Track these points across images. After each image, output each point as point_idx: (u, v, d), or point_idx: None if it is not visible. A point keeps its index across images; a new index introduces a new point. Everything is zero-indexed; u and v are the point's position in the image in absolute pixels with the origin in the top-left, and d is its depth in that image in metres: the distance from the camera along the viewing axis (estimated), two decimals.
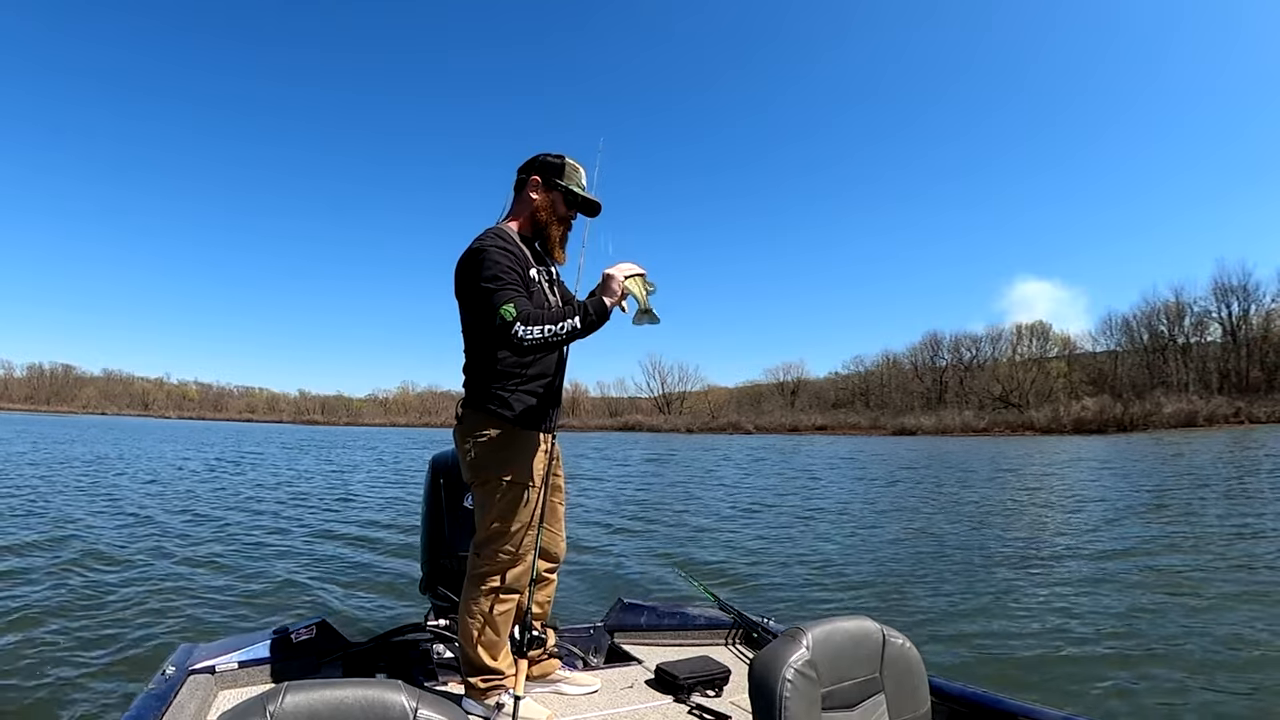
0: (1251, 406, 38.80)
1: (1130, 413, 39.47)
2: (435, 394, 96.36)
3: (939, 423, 48.16)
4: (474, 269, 2.06)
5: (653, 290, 2.17)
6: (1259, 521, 8.78)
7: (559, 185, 2.24)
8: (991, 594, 5.67)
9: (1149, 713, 3.35)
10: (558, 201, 2.25)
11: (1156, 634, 4.53)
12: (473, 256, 2.08)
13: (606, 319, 2.05)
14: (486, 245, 2.07)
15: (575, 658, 2.70)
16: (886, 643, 1.43)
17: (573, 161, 2.28)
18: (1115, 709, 3.38)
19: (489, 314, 2.00)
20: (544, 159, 2.27)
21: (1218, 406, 38.20)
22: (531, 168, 2.26)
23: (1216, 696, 3.51)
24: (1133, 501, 11.32)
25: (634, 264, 2.15)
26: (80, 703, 3.35)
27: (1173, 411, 38.17)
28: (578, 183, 2.27)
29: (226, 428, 65.88)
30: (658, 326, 2.21)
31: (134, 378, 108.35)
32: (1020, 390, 52.64)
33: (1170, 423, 37.92)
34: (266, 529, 8.80)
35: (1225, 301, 45.83)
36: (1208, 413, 37.66)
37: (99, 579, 5.74)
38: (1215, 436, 30.37)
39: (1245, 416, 38.47)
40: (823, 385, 69.19)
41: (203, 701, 2.14)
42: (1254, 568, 6.33)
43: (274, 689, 0.93)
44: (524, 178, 2.26)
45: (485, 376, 2.14)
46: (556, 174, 2.24)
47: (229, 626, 4.55)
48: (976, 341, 59.56)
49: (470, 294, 2.09)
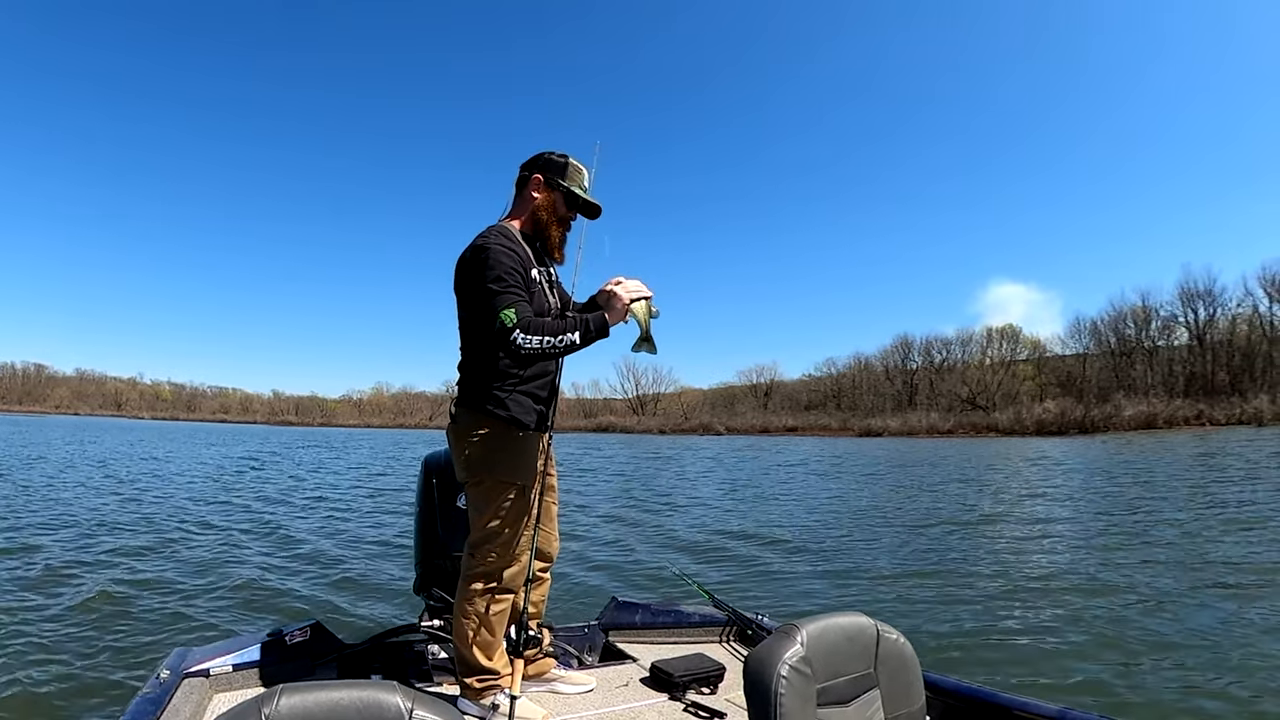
0: (1213, 409, 39.05)
1: (1091, 415, 39.68)
2: (410, 395, 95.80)
3: (905, 424, 48.61)
4: (477, 267, 2.03)
5: (656, 315, 2.15)
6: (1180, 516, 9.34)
7: (561, 186, 2.22)
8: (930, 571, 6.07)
9: (1145, 707, 3.40)
10: (559, 202, 2.23)
11: (1108, 617, 4.83)
12: (476, 254, 2.06)
13: (606, 336, 2.05)
14: (491, 244, 2.05)
15: (570, 657, 2.70)
16: (881, 638, 1.43)
17: (576, 162, 2.25)
18: (1104, 700, 3.44)
19: (489, 316, 1.98)
20: (547, 157, 2.24)
21: (1178, 409, 38.52)
22: (534, 165, 2.23)
23: (1205, 683, 3.63)
24: (1072, 496, 11.97)
25: (641, 283, 2.14)
26: (75, 707, 3.33)
27: (1133, 414, 38.43)
28: (580, 184, 2.25)
29: (202, 428, 65.14)
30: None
31: (107, 377, 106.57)
32: (987, 392, 52.83)
33: (1130, 425, 38.22)
34: (260, 531, 8.74)
35: (1191, 306, 46.56)
36: (1167, 415, 37.99)
37: (92, 582, 5.66)
38: (1171, 438, 30.89)
39: (1206, 419, 38.78)
40: (795, 387, 69.61)
41: (197, 705, 2.13)
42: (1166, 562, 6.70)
43: (269, 691, 0.94)
44: (526, 175, 2.23)
45: (482, 375, 2.13)
46: (559, 174, 2.22)
47: (223, 629, 4.53)
48: (947, 344, 60.13)
49: (471, 292, 2.07)
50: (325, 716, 0.92)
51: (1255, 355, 43.62)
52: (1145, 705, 3.41)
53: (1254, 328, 44.17)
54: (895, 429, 48.42)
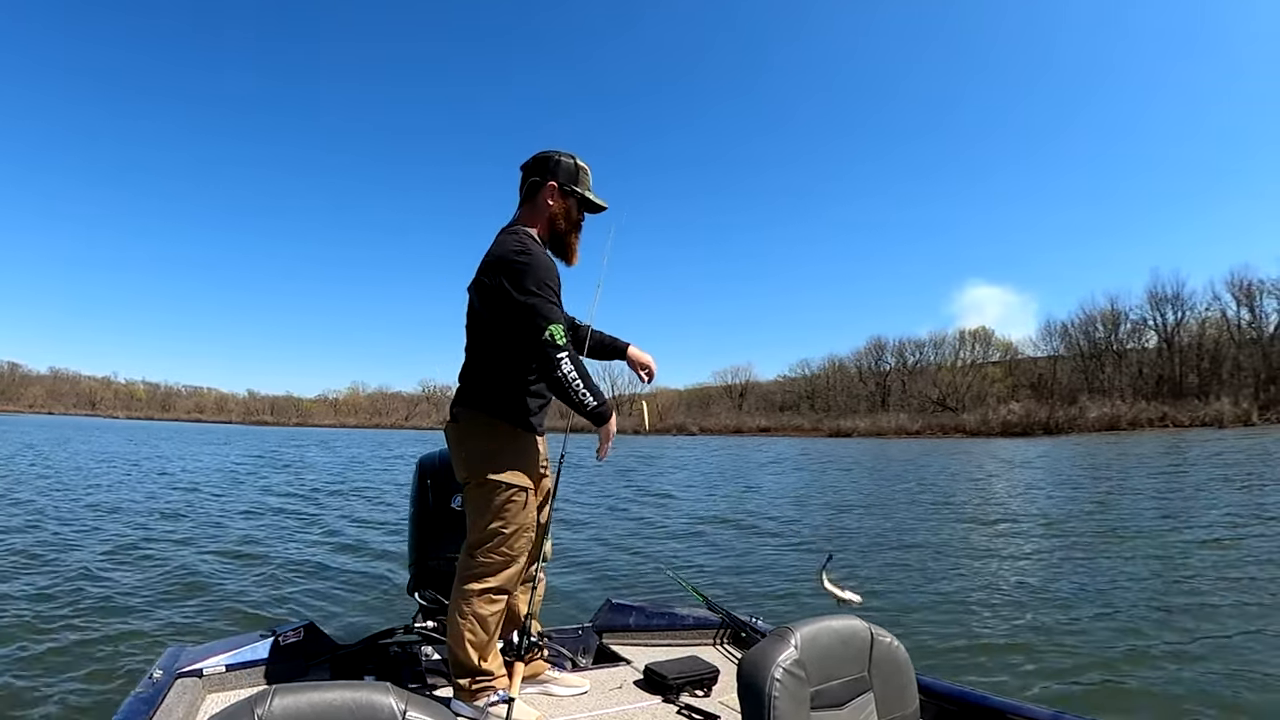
0: (1177, 411, 39.11)
1: (1055, 416, 39.58)
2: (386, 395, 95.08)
3: (874, 425, 48.50)
4: (519, 270, 2.01)
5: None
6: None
7: (576, 192, 2.19)
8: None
9: (1139, 710, 3.43)
10: (573, 208, 2.20)
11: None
12: (518, 257, 2.03)
13: (597, 424, 2.10)
14: (533, 249, 2.05)
15: (564, 659, 2.69)
16: (875, 641, 1.43)
17: (583, 164, 2.22)
18: (1099, 702, 3.47)
19: (529, 322, 1.98)
20: (558, 160, 2.17)
21: (1141, 410, 38.47)
22: (544, 170, 2.17)
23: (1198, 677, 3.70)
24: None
25: (652, 361, 2.44)
26: (68, 707, 3.31)
27: (1097, 415, 38.33)
28: (589, 186, 2.23)
29: (180, 428, 64.39)
30: None
31: (81, 376, 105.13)
32: (956, 394, 52.71)
33: (1095, 426, 38.17)
34: (253, 531, 8.72)
35: (1159, 310, 46.88)
36: (1131, 416, 37.90)
37: (85, 582, 5.63)
38: (1134, 439, 31.28)
39: (1170, 421, 38.75)
40: (770, 388, 69.62)
41: (190, 705, 2.11)
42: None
43: (262, 692, 0.94)
44: (538, 181, 2.18)
45: (490, 375, 2.12)
46: (573, 180, 2.18)
47: (216, 629, 4.52)
48: (920, 346, 60.11)
49: (507, 294, 2.02)
50: (318, 717, 0.92)
51: (1224, 359, 43.78)
52: (1140, 708, 3.43)
53: (1222, 331, 44.32)
54: (864, 429, 48.60)
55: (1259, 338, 42.19)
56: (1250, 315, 43.24)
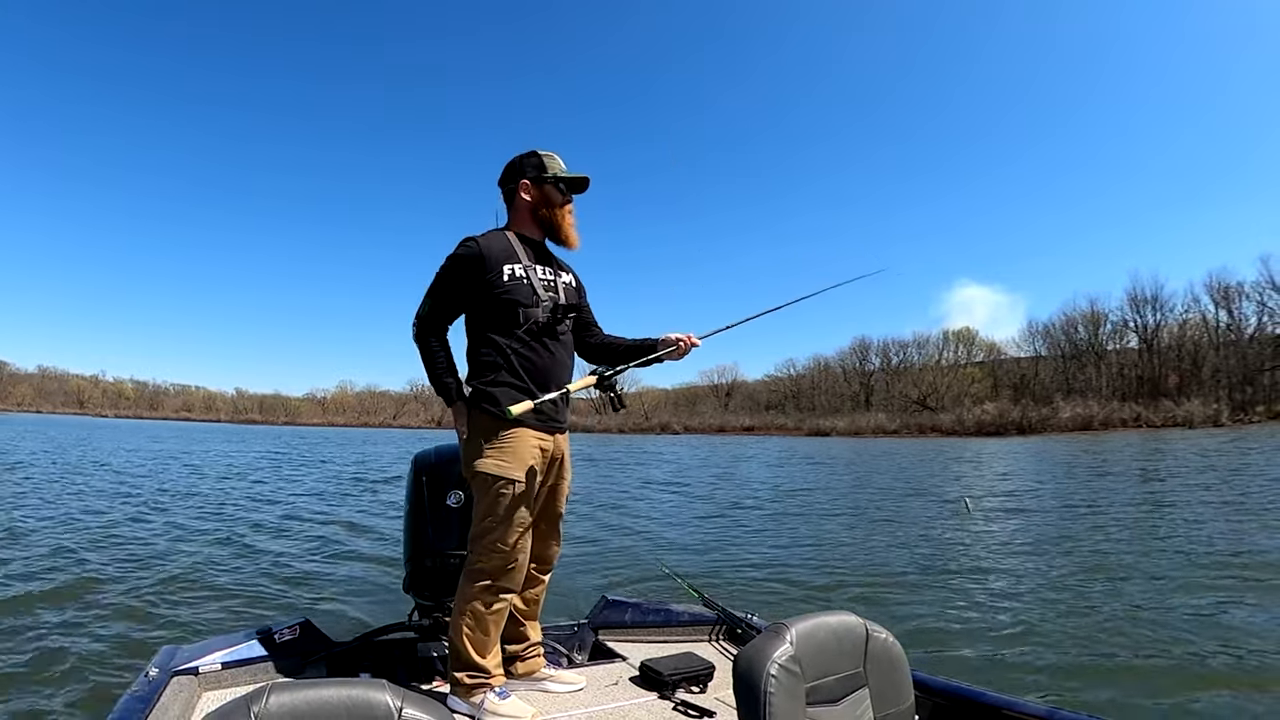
0: (1151, 412, 39.26)
1: (1029, 416, 39.73)
2: (374, 394, 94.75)
3: (853, 424, 48.60)
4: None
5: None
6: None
7: (546, 178, 2.26)
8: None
9: (1135, 706, 3.42)
10: (551, 192, 2.27)
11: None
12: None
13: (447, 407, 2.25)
14: (460, 250, 2.19)
15: (560, 655, 2.70)
16: (870, 638, 1.43)
17: (544, 151, 2.29)
18: (1096, 700, 3.45)
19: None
20: (522, 160, 2.29)
21: (1114, 411, 38.62)
22: (514, 174, 2.29)
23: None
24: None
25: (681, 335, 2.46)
26: (64, 706, 3.28)
27: (1070, 415, 38.47)
28: (559, 168, 2.29)
29: (170, 427, 64.02)
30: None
31: (69, 375, 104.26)
32: (937, 394, 52.87)
33: (1069, 426, 38.26)
34: (248, 529, 8.67)
35: (1139, 312, 47.26)
36: (1104, 417, 38.05)
37: (80, 582, 5.58)
38: (1104, 439, 31.57)
39: (1144, 421, 38.89)
40: (756, 387, 69.84)
41: (186, 703, 2.11)
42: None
43: (258, 689, 0.93)
44: (511, 187, 2.29)
45: (473, 368, 2.18)
46: (540, 169, 2.27)
47: (212, 627, 4.49)
48: (904, 346, 60.09)
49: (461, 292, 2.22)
50: (314, 715, 0.92)
51: (1203, 360, 43.99)
52: (1136, 704, 3.43)
53: (1201, 333, 44.53)
54: (843, 429, 49.12)
55: (1237, 340, 42.39)
56: (1229, 318, 43.51)
